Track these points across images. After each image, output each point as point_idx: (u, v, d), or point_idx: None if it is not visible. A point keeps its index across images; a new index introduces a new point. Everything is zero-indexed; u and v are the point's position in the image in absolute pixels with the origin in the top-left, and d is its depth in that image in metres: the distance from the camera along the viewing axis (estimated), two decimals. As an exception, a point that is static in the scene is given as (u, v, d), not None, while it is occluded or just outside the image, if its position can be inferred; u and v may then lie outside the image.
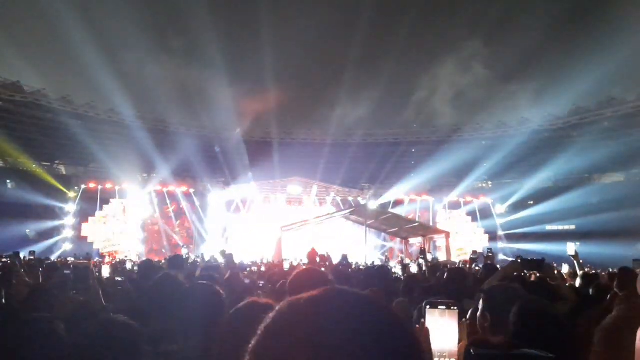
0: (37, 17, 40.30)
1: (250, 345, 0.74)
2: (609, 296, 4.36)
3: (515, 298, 2.49)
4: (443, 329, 1.38)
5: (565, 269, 9.87)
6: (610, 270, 13.98)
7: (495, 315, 2.54)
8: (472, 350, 1.14)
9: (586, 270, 8.11)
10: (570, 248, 6.66)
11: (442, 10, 57.17)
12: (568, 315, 3.40)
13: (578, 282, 5.67)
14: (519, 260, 3.91)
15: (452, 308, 1.42)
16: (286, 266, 13.13)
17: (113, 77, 30.78)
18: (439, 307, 1.42)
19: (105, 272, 7.58)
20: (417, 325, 1.40)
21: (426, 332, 1.36)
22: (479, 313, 2.69)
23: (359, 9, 49.52)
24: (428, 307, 1.41)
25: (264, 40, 41.93)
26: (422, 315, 1.40)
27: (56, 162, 37.68)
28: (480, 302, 2.73)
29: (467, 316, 2.86)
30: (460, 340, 1.37)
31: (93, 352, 2.17)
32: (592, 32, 37.42)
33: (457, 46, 47.30)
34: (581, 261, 6.75)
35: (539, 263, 3.93)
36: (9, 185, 32.63)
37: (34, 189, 29.86)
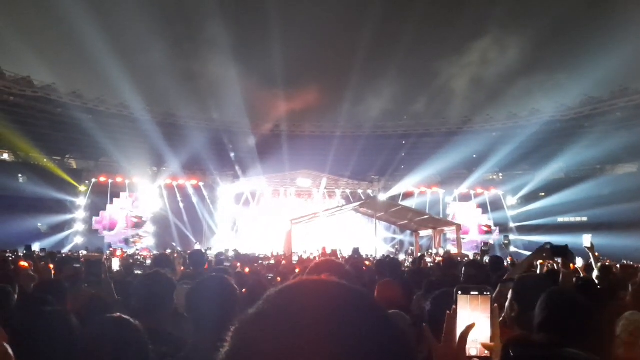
0: (47, 12, 40.45)
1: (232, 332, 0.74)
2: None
3: (546, 289, 2.45)
4: (475, 315, 1.31)
5: (579, 262, 9.73)
6: (625, 262, 13.86)
7: (524, 305, 2.52)
8: (510, 351, 1.06)
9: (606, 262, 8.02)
10: (586, 240, 6.54)
11: (452, 4, 56.75)
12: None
13: (595, 274, 5.60)
14: (548, 247, 3.84)
15: (484, 293, 1.33)
16: (295, 259, 13.15)
17: (123, 71, 30.88)
18: (471, 292, 1.33)
19: (116, 265, 7.59)
20: (448, 312, 1.34)
21: (451, 319, 1.31)
22: (507, 303, 2.66)
23: (369, 2, 49.25)
24: (459, 292, 1.33)
25: (274, 33, 41.83)
26: (454, 302, 1.34)
27: (67, 156, 37.92)
28: (510, 292, 2.70)
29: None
30: (492, 327, 1.29)
31: (106, 350, 2.15)
32: (605, 22, 36.97)
33: (469, 39, 46.94)
34: (597, 254, 6.64)
35: (564, 249, 3.88)
36: (21, 180, 32.89)
37: (45, 183, 30.09)
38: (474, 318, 1.30)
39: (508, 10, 47.96)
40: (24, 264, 5.77)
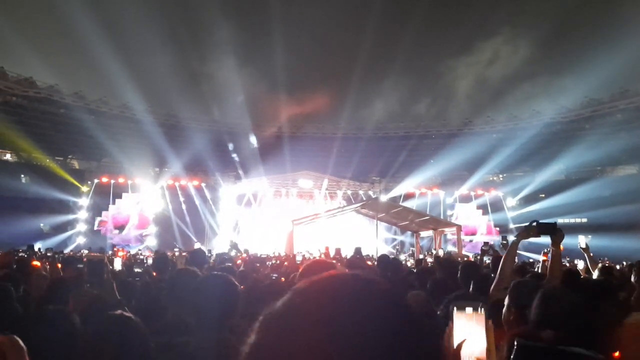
0: (50, 12, 40.56)
1: (261, 324, 0.75)
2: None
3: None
4: (470, 331, 1.31)
5: (580, 265, 9.78)
6: (624, 263, 13.90)
7: (520, 309, 2.56)
8: (516, 341, 1.11)
9: (605, 263, 8.05)
10: (582, 241, 6.60)
11: (454, 6, 56.77)
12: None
13: (596, 274, 5.64)
14: (535, 224, 3.81)
15: (480, 311, 1.34)
16: (299, 259, 13.21)
17: (125, 72, 30.95)
18: (466, 309, 1.33)
19: (118, 264, 7.65)
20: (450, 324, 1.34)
21: (450, 334, 1.32)
22: (504, 307, 2.71)
23: (371, 3, 49.19)
24: (455, 309, 1.33)
25: (277, 34, 41.83)
26: (450, 317, 1.34)
27: (69, 156, 38.02)
28: (507, 297, 2.75)
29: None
30: (488, 343, 1.31)
31: (107, 347, 2.22)
32: (606, 24, 36.96)
33: (470, 41, 46.89)
34: (592, 254, 6.69)
35: (553, 227, 3.83)
36: (23, 180, 33.01)
37: (47, 184, 30.19)
38: (469, 333, 1.31)
39: (510, 12, 48.00)
40: (36, 263, 5.85)
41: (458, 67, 42.89)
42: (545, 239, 3.97)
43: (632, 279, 4.72)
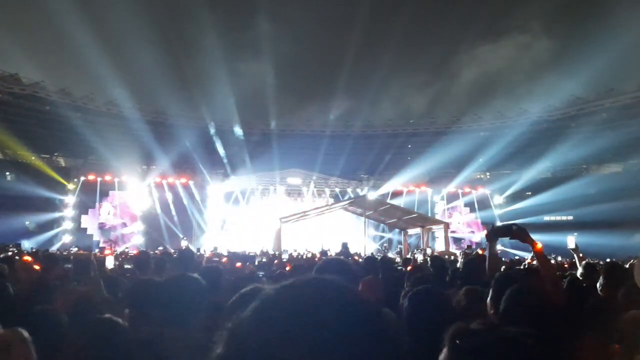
0: (35, 8, 40.11)
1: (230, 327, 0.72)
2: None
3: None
4: None
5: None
6: (608, 260, 14.06)
7: (500, 302, 2.57)
8: (457, 342, 1.11)
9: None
10: (571, 241, 6.64)
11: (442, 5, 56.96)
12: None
13: (580, 272, 5.70)
14: (491, 229, 3.75)
15: None
16: (285, 257, 13.23)
17: (112, 69, 30.67)
18: None
19: (110, 263, 7.58)
20: None
21: None
22: (488, 299, 2.75)
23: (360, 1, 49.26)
24: None
25: (264, 29, 41.76)
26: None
27: (55, 154, 37.62)
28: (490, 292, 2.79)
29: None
30: None
31: (91, 350, 2.21)
32: (591, 22, 37.33)
33: (456, 38, 47.17)
34: (581, 255, 6.76)
35: (508, 228, 3.65)
36: (8, 178, 32.63)
37: (33, 181, 29.87)
38: None
39: (495, 11, 48.30)
40: (27, 258, 5.80)
41: (452, 67, 43.14)
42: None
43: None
